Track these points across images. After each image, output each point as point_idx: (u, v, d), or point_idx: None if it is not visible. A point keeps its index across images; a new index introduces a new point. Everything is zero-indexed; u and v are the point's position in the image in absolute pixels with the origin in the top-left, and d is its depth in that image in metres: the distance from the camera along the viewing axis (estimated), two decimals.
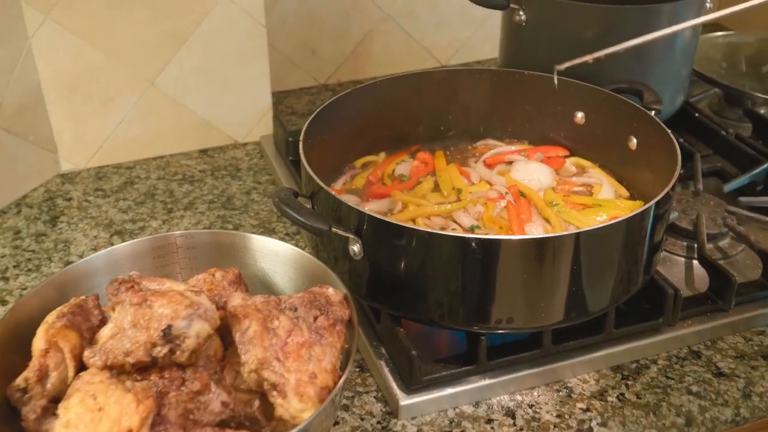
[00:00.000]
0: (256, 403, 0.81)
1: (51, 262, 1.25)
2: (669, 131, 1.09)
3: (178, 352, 0.77)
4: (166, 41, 1.42)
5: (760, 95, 1.54)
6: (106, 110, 1.44)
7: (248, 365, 0.79)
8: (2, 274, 1.22)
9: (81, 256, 1.25)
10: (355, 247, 0.96)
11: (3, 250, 1.28)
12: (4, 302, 1.17)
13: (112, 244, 1.21)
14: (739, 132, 1.47)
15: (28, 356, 0.83)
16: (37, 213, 1.37)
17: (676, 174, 1.00)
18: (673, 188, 0.99)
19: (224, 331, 0.84)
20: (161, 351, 0.76)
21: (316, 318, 0.83)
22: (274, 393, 0.78)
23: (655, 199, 0.96)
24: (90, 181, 1.46)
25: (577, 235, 0.93)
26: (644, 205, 0.97)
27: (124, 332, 0.79)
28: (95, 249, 1.27)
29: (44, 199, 1.41)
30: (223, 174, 1.48)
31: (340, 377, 0.80)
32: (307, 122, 1.12)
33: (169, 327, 0.76)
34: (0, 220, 1.35)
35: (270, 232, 1.31)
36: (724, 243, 1.24)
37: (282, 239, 1.27)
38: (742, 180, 1.34)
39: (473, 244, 0.90)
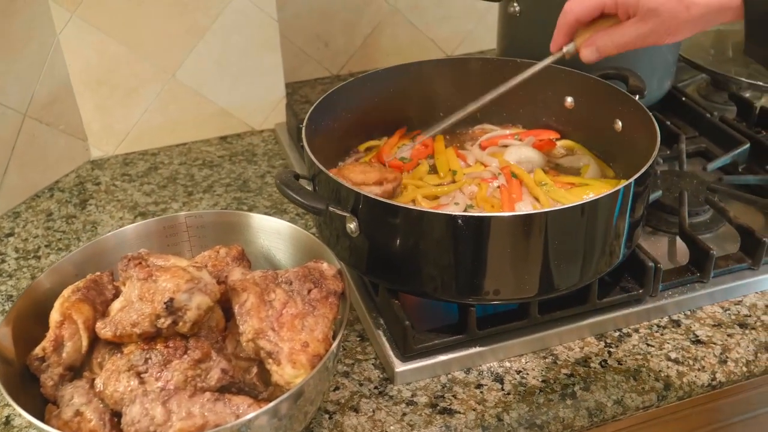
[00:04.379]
0: (254, 370, 0.81)
1: (80, 242, 1.26)
2: (650, 114, 1.07)
3: (180, 323, 0.77)
4: (185, 35, 1.42)
5: (744, 80, 1.51)
6: (131, 101, 1.44)
7: (246, 335, 0.79)
8: (34, 253, 1.23)
9: None
10: (352, 225, 0.95)
11: (36, 231, 1.28)
12: (35, 278, 1.17)
13: None
14: (724, 115, 1.45)
15: (47, 328, 0.83)
16: (68, 196, 1.38)
17: (655, 153, 0.98)
18: (651, 167, 0.97)
19: (227, 304, 0.84)
20: (165, 322, 0.76)
21: (309, 291, 0.83)
22: (270, 360, 0.77)
23: (634, 177, 0.94)
24: (117, 166, 1.46)
25: (560, 211, 0.92)
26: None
27: (132, 305, 0.79)
28: None
29: (75, 183, 1.41)
30: (240, 159, 1.48)
31: (331, 345, 0.80)
32: (311, 110, 1.11)
33: (171, 300, 0.76)
34: (34, 203, 1.36)
35: (281, 212, 1.31)
36: (705, 218, 1.21)
37: (292, 219, 1.28)
38: (724, 159, 1.31)
39: (459, 221, 0.89)
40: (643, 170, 0.95)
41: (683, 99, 1.48)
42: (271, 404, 0.72)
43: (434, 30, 1.83)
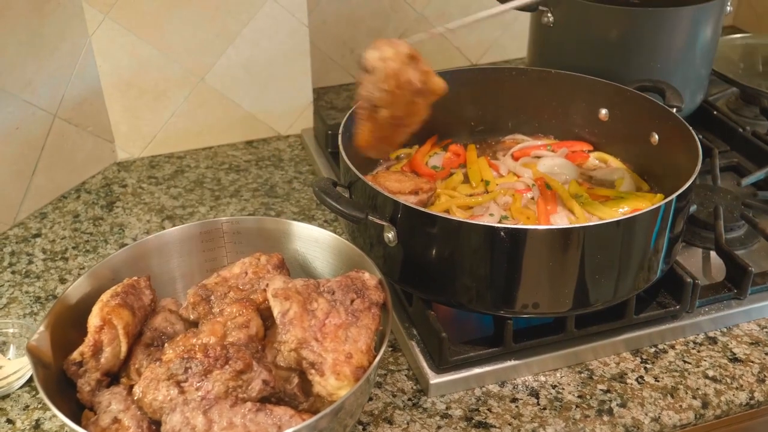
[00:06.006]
0: (295, 380, 0.79)
1: (107, 244, 1.25)
2: (690, 128, 1.06)
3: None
4: (215, 40, 1.41)
5: None
6: (160, 104, 1.44)
7: (288, 344, 0.77)
8: (62, 255, 1.22)
9: (134, 239, 1.25)
10: (390, 234, 0.94)
11: (63, 232, 1.27)
12: (63, 281, 1.17)
13: (163, 228, 1.21)
14: (755, 129, 1.43)
15: (84, 332, 0.82)
16: (95, 198, 1.37)
17: (697, 168, 0.97)
18: (693, 182, 0.96)
19: (266, 312, 0.83)
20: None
21: (352, 301, 0.81)
22: (313, 371, 0.76)
23: (677, 192, 0.93)
24: (144, 169, 1.45)
25: (600, 225, 0.91)
26: (665, 197, 0.94)
27: None
28: (147, 232, 1.27)
29: (102, 185, 1.41)
30: (267, 164, 1.47)
31: (374, 357, 0.79)
32: (345, 117, 1.10)
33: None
34: (61, 205, 1.35)
35: (309, 218, 1.30)
36: (740, 234, 1.20)
37: (321, 226, 1.26)
38: (758, 175, 1.30)
39: (501, 233, 0.88)
40: (686, 186, 0.94)
41: (714, 113, 1.47)
42: (313, 419, 0.71)
43: (460, 38, 1.82)
